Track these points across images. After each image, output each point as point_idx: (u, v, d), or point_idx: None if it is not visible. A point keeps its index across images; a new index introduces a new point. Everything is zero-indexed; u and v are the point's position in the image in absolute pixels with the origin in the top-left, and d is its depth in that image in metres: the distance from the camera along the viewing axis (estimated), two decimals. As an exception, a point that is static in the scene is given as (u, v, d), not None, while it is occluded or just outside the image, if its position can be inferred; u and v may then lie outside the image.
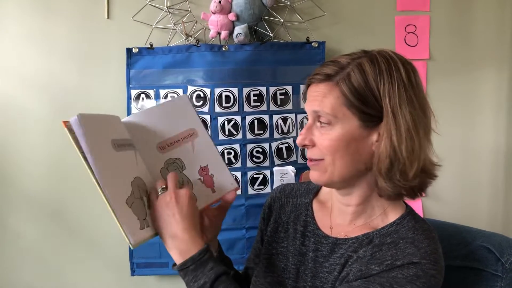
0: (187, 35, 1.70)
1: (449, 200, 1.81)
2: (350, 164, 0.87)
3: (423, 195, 0.91)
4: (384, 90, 0.83)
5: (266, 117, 1.71)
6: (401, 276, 0.80)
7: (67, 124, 0.84)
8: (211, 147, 1.02)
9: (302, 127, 1.72)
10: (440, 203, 1.80)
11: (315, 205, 1.02)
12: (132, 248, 0.83)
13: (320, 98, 0.87)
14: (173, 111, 1.01)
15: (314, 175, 0.92)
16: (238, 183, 1.04)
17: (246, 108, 1.70)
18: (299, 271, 0.95)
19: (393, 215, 0.91)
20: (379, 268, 0.83)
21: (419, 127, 0.85)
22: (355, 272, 0.85)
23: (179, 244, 0.86)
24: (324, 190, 1.04)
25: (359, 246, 0.89)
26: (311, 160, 0.91)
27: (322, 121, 0.87)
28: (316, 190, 1.05)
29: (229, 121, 1.69)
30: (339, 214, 0.96)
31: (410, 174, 0.85)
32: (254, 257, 1.13)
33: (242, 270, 1.15)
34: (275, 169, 1.71)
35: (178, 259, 0.86)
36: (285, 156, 1.73)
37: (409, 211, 0.92)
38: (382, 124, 0.85)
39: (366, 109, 0.85)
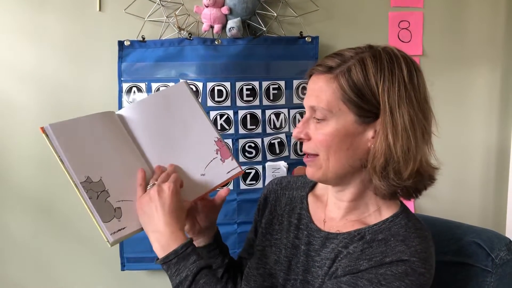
0: (180, 29, 1.68)
1: (441, 196, 1.82)
2: (345, 160, 0.87)
3: (418, 197, 0.91)
4: (383, 87, 0.83)
5: (258, 112, 1.71)
6: (389, 273, 0.80)
7: (43, 130, 0.89)
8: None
9: (295, 122, 1.71)
10: (432, 199, 1.81)
11: (310, 198, 1.02)
12: (110, 246, 0.89)
13: (316, 93, 0.87)
14: (171, 100, 1.01)
15: (309, 171, 0.92)
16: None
17: (239, 103, 1.69)
18: (291, 264, 0.95)
19: (386, 213, 0.91)
20: (368, 264, 0.83)
21: (416, 127, 0.84)
22: (344, 267, 0.85)
23: (161, 238, 0.87)
24: (321, 184, 1.04)
25: (350, 241, 0.88)
26: (307, 156, 0.91)
27: (318, 117, 0.87)
28: (313, 184, 1.05)
29: (221, 116, 1.68)
30: (333, 208, 0.96)
31: (404, 174, 0.84)
32: (247, 247, 1.13)
33: (236, 260, 1.15)
34: (267, 164, 1.71)
35: (160, 253, 0.87)
36: (277, 151, 1.72)
37: (403, 209, 0.92)
38: (379, 121, 0.84)
39: (363, 104, 0.84)
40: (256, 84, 1.70)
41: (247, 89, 1.70)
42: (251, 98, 1.70)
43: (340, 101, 0.85)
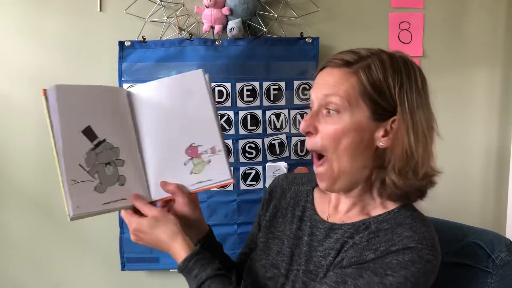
0: (180, 29, 1.68)
1: (441, 197, 1.80)
2: (355, 157, 0.86)
3: (416, 201, 0.92)
4: (401, 88, 0.85)
5: (259, 113, 1.71)
6: (395, 262, 0.80)
7: (45, 92, 0.87)
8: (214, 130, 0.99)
9: (295, 123, 1.71)
10: (432, 199, 1.80)
11: (316, 192, 1.03)
12: (69, 219, 0.90)
13: (332, 84, 0.86)
14: (184, 87, 0.99)
15: (322, 185, 0.92)
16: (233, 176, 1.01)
17: (239, 103, 1.69)
18: (294, 254, 0.95)
19: (391, 205, 0.91)
20: (374, 255, 0.82)
21: (430, 131, 0.88)
22: (350, 258, 0.85)
23: (171, 254, 0.93)
24: None
25: (356, 232, 0.88)
26: (317, 157, 0.90)
27: (331, 108, 0.86)
28: None
29: (221, 116, 1.68)
30: (338, 203, 0.97)
31: (420, 173, 0.86)
32: (249, 242, 1.13)
33: (237, 256, 1.15)
34: (268, 164, 1.71)
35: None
36: (277, 152, 1.72)
37: (408, 203, 0.92)
38: (396, 120, 0.85)
39: (381, 101, 0.85)
40: (256, 84, 1.70)
41: (247, 90, 1.70)
42: (252, 99, 1.70)
43: (359, 95, 0.85)
